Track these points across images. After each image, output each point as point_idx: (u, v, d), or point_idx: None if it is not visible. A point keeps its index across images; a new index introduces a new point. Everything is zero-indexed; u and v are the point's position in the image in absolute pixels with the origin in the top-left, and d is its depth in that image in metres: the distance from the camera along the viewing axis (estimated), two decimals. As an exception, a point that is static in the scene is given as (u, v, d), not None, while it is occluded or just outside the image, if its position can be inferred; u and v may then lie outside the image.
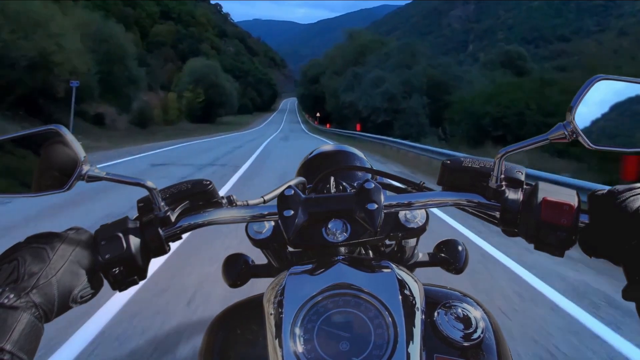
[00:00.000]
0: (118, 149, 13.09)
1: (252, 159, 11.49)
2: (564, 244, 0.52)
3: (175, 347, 2.08)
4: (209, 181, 0.62)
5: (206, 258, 3.28)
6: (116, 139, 17.10)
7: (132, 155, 11.37)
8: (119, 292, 0.57)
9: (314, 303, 0.49)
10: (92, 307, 2.36)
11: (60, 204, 4.87)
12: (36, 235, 0.50)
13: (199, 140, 20.36)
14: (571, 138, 0.52)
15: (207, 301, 2.57)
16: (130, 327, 2.26)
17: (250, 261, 0.85)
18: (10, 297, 0.43)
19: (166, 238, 0.57)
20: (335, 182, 0.82)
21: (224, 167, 9.72)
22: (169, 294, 2.68)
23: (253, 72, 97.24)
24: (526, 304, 2.73)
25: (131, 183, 0.54)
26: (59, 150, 0.52)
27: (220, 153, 13.30)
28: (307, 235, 0.59)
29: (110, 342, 2.12)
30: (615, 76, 0.53)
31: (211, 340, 0.60)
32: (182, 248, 3.33)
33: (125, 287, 0.54)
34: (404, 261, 0.83)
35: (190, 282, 2.86)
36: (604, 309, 2.73)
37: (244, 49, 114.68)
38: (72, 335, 2.14)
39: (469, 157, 0.62)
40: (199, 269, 3.07)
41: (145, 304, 2.52)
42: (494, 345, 0.53)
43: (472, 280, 3.04)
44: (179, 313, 2.42)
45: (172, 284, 2.82)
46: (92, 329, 2.21)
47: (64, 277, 0.47)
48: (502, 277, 3.21)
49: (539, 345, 2.21)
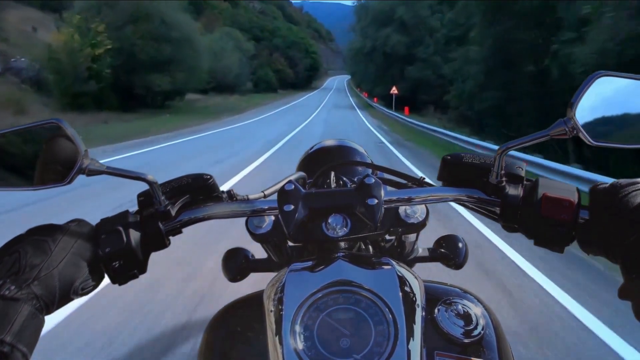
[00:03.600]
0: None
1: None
2: (564, 240, 0.52)
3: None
4: (209, 175, 0.62)
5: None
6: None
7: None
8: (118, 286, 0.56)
9: (314, 300, 0.49)
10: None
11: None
12: (38, 228, 0.50)
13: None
14: (572, 134, 0.52)
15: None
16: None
17: (250, 256, 0.85)
18: (12, 289, 0.43)
19: (166, 232, 0.57)
20: (336, 177, 0.82)
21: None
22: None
23: (282, 34, 68.67)
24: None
25: (132, 177, 0.54)
26: (60, 143, 0.52)
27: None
28: (307, 230, 0.59)
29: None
30: (616, 72, 0.53)
31: (211, 337, 0.60)
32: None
33: (124, 281, 0.55)
34: (404, 256, 0.83)
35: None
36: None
37: (279, 15, 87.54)
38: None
39: (470, 153, 0.62)
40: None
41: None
42: (494, 341, 0.53)
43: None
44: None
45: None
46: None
47: (65, 269, 0.47)
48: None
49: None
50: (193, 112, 21.90)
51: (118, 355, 1.99)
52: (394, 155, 9.36)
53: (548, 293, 2.65)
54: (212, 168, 6.93)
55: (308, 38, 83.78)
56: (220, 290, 2.53)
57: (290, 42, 69.71)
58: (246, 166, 7.14)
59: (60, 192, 4.64)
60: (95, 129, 12.52)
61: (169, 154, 8.92)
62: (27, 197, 4.65)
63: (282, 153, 9.05)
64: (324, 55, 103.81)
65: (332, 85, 74.97)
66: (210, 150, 9.68)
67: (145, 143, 10.40)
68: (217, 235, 3.44)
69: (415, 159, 8.97)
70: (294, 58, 66.66)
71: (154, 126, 14.02)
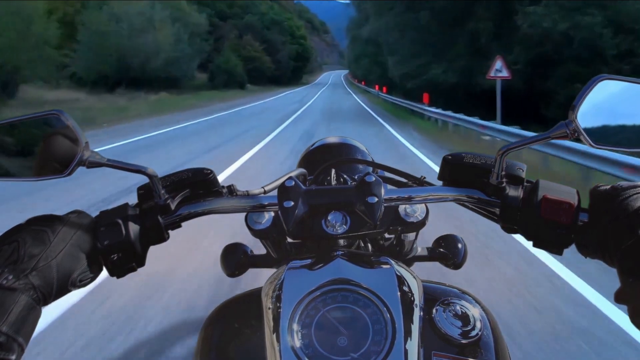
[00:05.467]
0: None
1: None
2: (563, 242, 0.52)
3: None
4: (209, 170, 0.62)
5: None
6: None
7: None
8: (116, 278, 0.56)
9: (312, 298, 0.49)
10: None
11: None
12: (38, 218, 0.50)
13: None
14: (573, 136, 0.52)
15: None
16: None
17: (249, 251, 0.85)
18: (9, 279, 0.43)
19: (165, 226, 0.57)
20: (336, 174, 0.82)
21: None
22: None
23: (260, 10, 49.15)
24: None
25: (132, 170, 0.54)
26: (60, 134, 0.52)
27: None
28: (306, 226, 0.59)
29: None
30: (618, 76, 0.53)
31: (208, 334, 0.60)
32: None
33: (123, 274, 0.54)
34: (403, 255, 0.84)
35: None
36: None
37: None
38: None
39: (471, 153, 0.62)
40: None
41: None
42: (491, 342, 0.53)
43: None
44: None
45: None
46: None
47: (64, 260, 0.47)
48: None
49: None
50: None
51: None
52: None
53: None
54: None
55: (295, 18, 62.48)
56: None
57: (269, 22, 49.54)
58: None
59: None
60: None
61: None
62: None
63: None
64: (318, 49, 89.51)
65: (326, 80, 60.06)
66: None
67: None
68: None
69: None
70: (273, 42, 46.34)
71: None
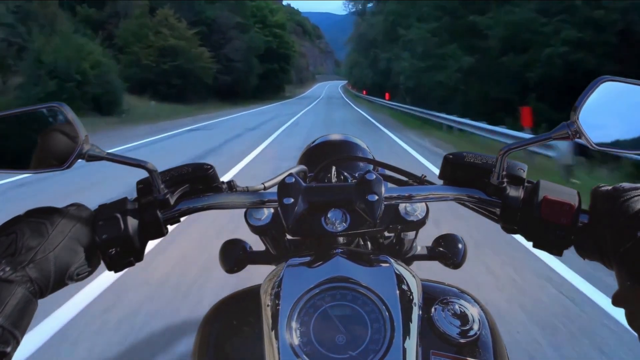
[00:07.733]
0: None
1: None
2: (563, 244, 0.52)
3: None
4: (209, 165, 0.62)
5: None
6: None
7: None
8: (114, 273, 0.57)
9: (311, 296, 0.49)
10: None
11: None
12: (36, 210, 0.50)
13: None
14: (574, 137, 0.52)
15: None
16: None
17: (248, 247, 0.85)
18: (6, 270, 0.42)
19: (164, 221, 0.57)
20: (337, 172, 0.82)
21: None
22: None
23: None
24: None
25: (132, 164, 0.54)
26: (61, 127, 0.52)
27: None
28: (306, 224, 0.59)
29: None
30: (620, 78, 0.53)
31: (207, 331, 0.60)
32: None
33: (121, 269, 0.54)
34: (402, 254, 0.83)
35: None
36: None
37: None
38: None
39: (472, 153, 0.62)
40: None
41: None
42: (490, 342, 0.53)
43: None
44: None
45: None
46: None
47: (61, 253, 0.47)
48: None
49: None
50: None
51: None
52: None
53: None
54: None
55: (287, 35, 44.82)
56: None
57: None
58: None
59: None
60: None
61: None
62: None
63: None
64: (310, 55, 76.19)
65: (319, 94, 47.94)
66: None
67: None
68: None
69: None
70: (220, 25, 28.23)
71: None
